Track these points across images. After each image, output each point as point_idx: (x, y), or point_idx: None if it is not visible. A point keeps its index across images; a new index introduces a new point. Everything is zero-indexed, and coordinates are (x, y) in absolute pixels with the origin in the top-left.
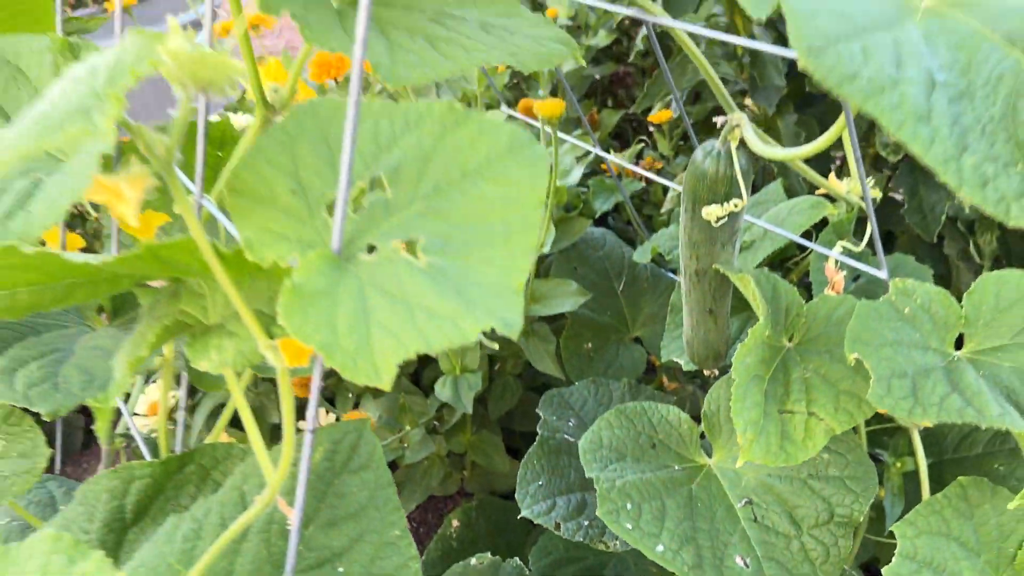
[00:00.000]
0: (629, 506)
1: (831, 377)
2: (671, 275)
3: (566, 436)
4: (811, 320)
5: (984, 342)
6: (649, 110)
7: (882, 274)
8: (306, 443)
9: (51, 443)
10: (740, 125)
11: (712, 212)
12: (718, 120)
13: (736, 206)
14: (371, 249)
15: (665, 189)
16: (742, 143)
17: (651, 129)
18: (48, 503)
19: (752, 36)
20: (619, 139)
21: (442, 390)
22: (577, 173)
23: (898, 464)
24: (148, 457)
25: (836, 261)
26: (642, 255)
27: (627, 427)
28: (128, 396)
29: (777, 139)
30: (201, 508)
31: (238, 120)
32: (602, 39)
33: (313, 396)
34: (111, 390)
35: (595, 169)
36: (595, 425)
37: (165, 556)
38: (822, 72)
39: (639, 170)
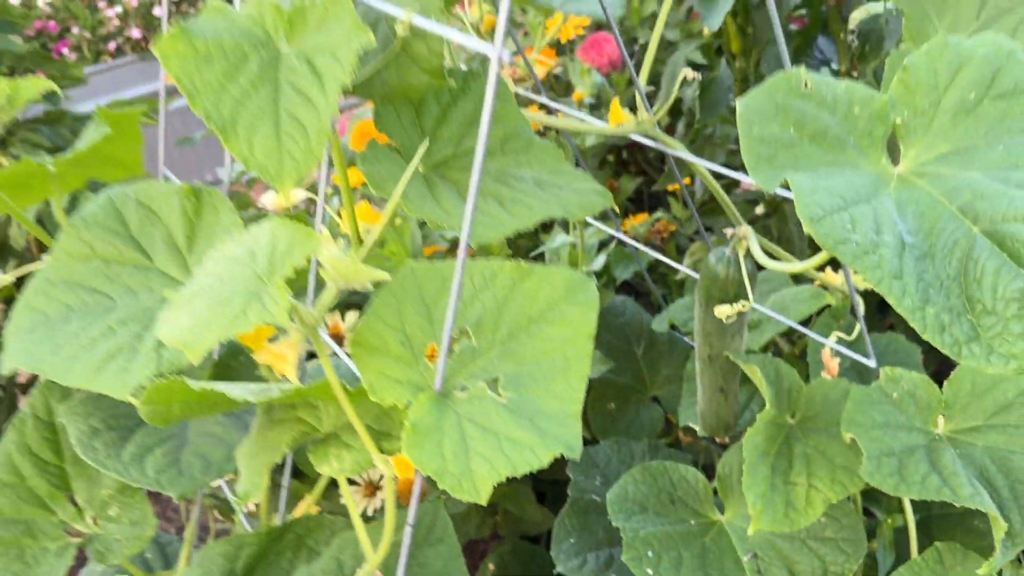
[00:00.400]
0: (650, 554)
1: (828, 452)
2: (686, 340)
3: (594, 496)
4: (810, 400)
5: (961, 423)
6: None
7: (871, 363)
8: (406, 535)
9: None
10: (746, 237)
11: (723, 310)
12: (728, 231)
13: (744, 306)
14: (463, 388)
15: (678, 247)
16: (748, 252)
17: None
18: (142, 561)
19: None
20: (636, 202)
21: None
22: (601, 259)
23: (889, 520)
24: (246, 523)
25: (831, 349)
26: (660, 324)
27: (650, 483)
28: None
29: (786, 222)
30: (303, 574)
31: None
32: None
33: (414, 501)
34: (250, 491)
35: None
36: (622, 480)
37: None
38: (821, 237)
39: (650, 251)
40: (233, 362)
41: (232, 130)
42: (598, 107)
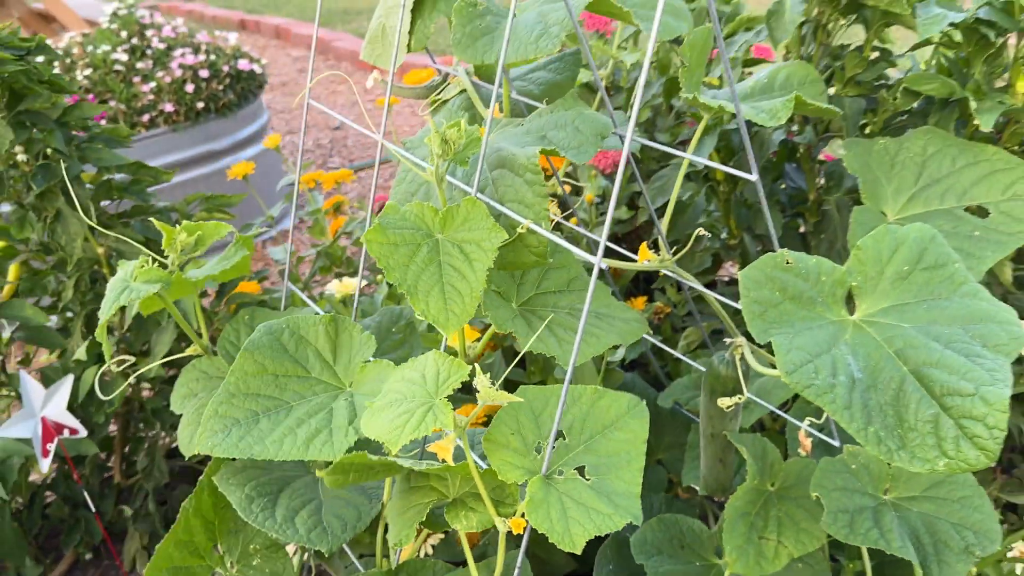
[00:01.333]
0: None
1: (796, 517)
2: (685, 412)
3: (626, 534)
4: (787, 473)
5: (903, 492)
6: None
7: (835, 442)
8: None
9: None
10: (742, 344)
11: (724, 402)
12: (727, 340)
13: (740, 399)
14: (561, 472)
15: (672, 326)
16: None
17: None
18: None
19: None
20: (635, 285)
21: None
22: (621, 352)
23: (851, 565)
24: (358, 565)
25: (805, 431)
26: (664, 401)
27: (664, 531)
28: None
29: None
30: None
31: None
32: (623, 213)
33: (522, 552)
34: (402, 540)
35: None
36: (642, 528)
37: None
38: (793, 383)
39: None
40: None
41: (414, 293)
42: (603, 202)
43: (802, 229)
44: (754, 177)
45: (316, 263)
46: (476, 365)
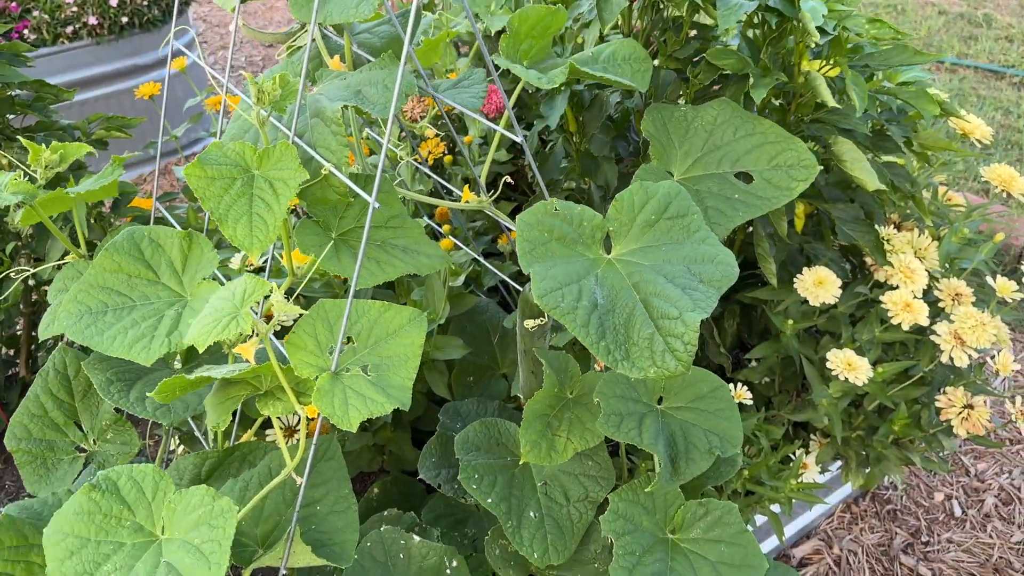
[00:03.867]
0: (477, 476)
1: (583, 419)
2: None
3: (452, 433)
4: (583, 383)
5: (673, 403)
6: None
7: None
8: (311, 451)
9: None
10: None
11: (530, 323)
12: None
13: (542, 321)
14: (347, 370)
15: None
16: None
17: None
18: None
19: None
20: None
21: None
22: (462, 278)
23: (643, 465)
24: (207, 446)
25: None
26: (508, 322)
27: (484, 433)
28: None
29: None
30: (246, 476)
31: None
32: (502, 155)
33: (316, 433)
34: (218, 424)
35: (488, 251)
36: (465, 430)
37: None
38: (543, 305)
39: (503, 270)
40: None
41: (224, 221)
42: (485, 144)
43: None
44: (519, 138)
45: None
46: (274, 283)
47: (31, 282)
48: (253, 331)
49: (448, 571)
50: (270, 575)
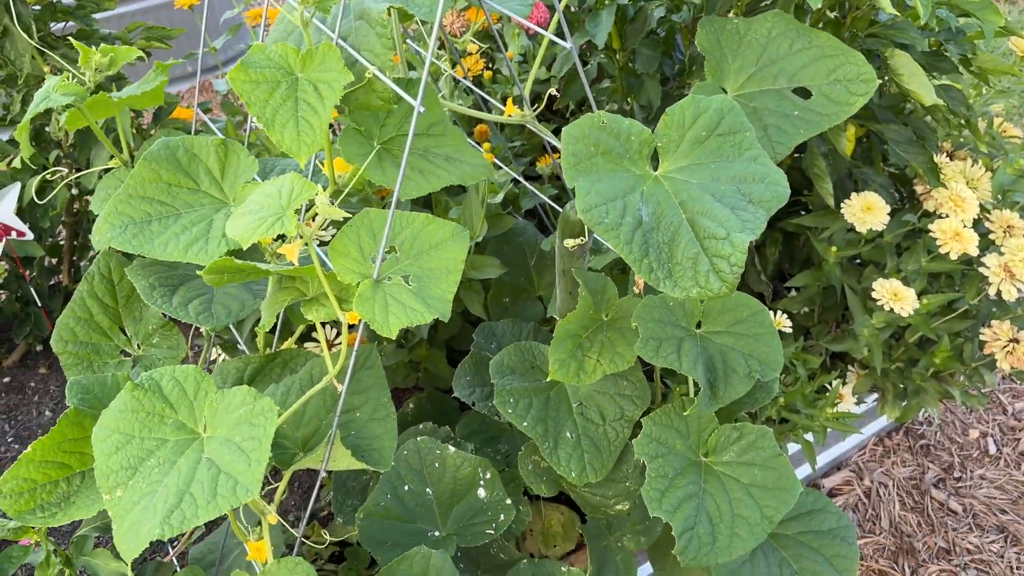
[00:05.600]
0: (512, 400)
1: (615, 343)
2: None
3: (487, 353)
4: (620, 307)
5: (712, 327)
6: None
7: None
8: (352, 358)
9: None
10: None
11: (570, 242)
12: None
13: (583, 240)
14: (389, 279)
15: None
16: None
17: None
18: None
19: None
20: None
21: None
22: (500, 196)
23: (678, 389)
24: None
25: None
26: (546, 245)
27: (519, 356)
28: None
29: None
30: (288, 381)
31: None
32: (542, 74)
33: (357, 340)
34: (267, 323)
35: (526, 174)
36: (499, 354)
37: None
38: (586, 220)
39: (535, 190)
40: (250, 257)
41: (271, 125)
42: (526, 62)
43: None
44: (568, 44)
45: None
46: (319, 187)
47: (74, 191)
48: (297, 235)
49: (482, 482)
50: (309, 480)
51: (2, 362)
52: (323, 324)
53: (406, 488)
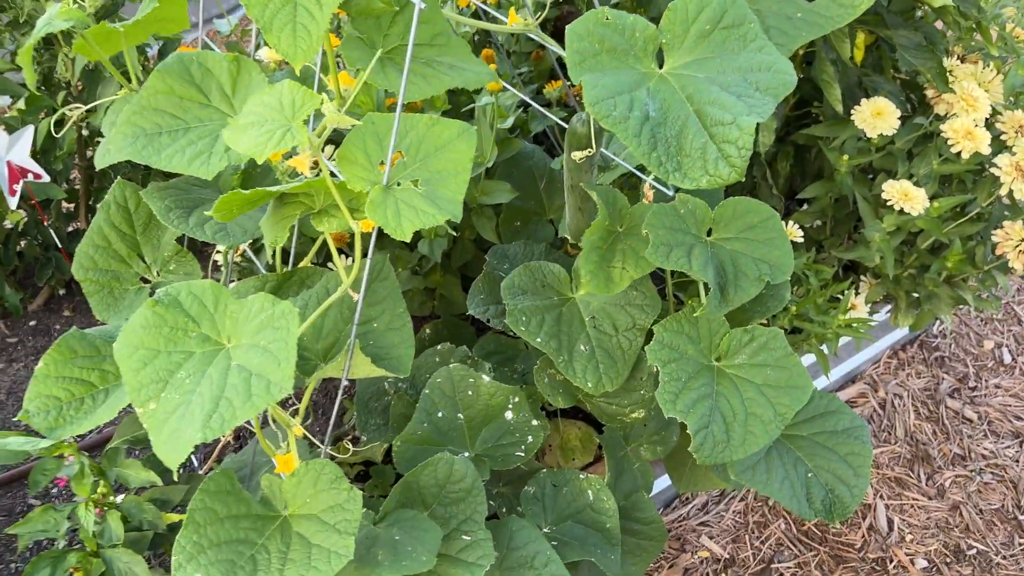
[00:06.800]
0: (524, 318)
1: (636, 248)
2: None
3: (500, 273)
4: (632, 216)
5: (722, 235)
6: None
7: (670, 192)
8: (366, 270)
9: None
10: None
11: (577, 155)
12: None
13: (590, 152)
14: (399, 184)
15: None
16: None
17: None
18: None
19: None
20: (562, 68)
21: (422, 246)
22: (511, 120)
23: (690, 301)
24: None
25: (650, 185)
26: (555, 165)
27: (529, 276)
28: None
29: None
30: (305, 295)
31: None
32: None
33: (371, 248)
34: (275, 241)
35: (535, 102)
36: (510, 275)
37: None
38: (595, 113)
39: (544, 112)
40: (253, 172)
41: (269, 29)
42: None
43: None
44: None
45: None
46: (324, 95)
47: (84, 133)
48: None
49: (510, 405)
50: (331, 406)
51: (27, 306)
52: (340, 252)
53: (440, 414)
